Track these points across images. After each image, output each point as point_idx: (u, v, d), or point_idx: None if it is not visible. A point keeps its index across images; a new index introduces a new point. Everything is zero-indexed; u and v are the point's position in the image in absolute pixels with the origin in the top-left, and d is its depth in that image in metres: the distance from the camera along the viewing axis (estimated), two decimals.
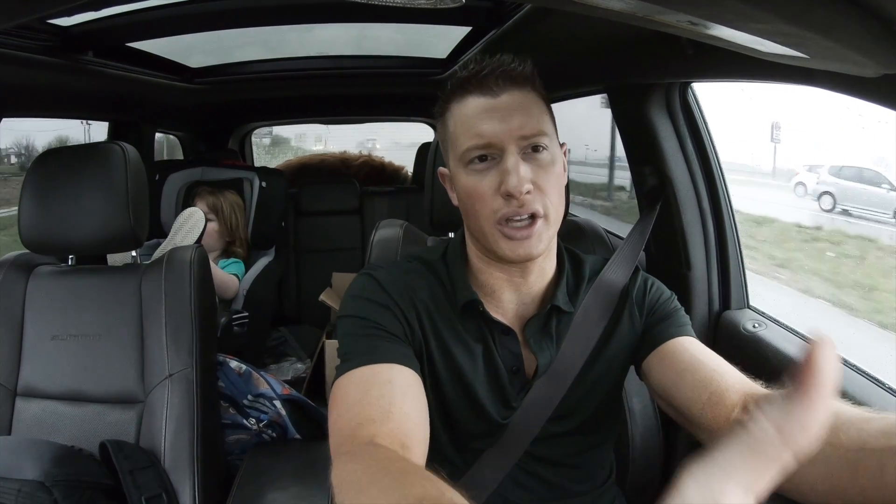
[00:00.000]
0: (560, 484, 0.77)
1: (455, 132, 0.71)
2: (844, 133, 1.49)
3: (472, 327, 0.75)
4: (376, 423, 0.60)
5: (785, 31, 0.45)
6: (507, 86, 0.69)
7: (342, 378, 0.67)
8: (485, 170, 0.69)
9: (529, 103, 0.70)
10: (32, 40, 1.18)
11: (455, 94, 0.72)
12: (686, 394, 0.68)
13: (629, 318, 0.79)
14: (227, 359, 1.33)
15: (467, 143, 0.69)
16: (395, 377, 0.66)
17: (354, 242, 2.67)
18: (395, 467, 0.50)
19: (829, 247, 1.98)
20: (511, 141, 0.67)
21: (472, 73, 0.70)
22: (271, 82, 2.07)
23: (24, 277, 1.17)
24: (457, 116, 0.71)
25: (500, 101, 0.68)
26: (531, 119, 0.68)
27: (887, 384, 0.87)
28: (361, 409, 0.61)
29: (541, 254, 0.71)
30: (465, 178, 0.70)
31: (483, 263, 0.75)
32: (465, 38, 1.65)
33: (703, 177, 1.19)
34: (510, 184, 0.66)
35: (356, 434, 0.59)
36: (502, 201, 0.68)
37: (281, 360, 2.24)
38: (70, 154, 1.19)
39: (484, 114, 0.68)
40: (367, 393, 0.63)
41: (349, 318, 0.72)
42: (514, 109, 0.68)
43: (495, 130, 0.67)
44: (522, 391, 0.75)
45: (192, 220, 1.80)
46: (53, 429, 1.09)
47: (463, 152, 0.70)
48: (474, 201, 0.69)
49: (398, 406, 0.62)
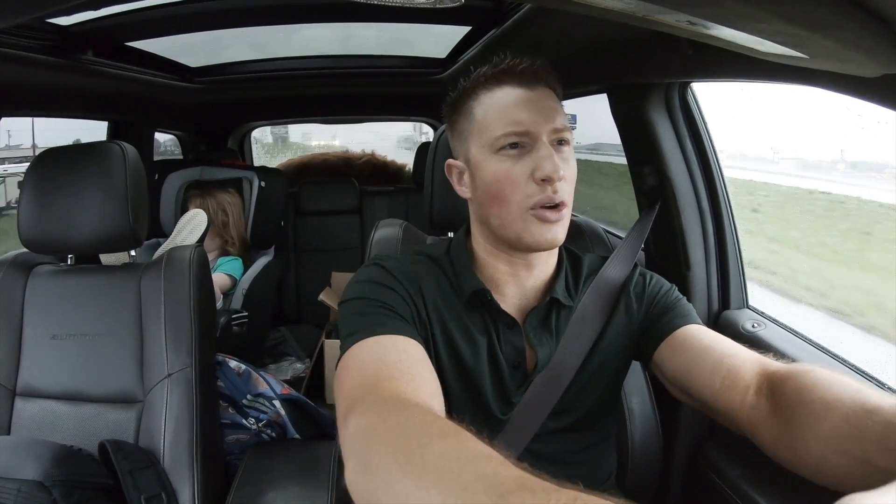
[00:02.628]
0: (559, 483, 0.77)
1: (486, 120, 0.73)
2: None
3: (477, 320, 0.75)
4: (398, 381, 0.57)
5: (785, 30, 0.45)
6: (540, 81, 0.73)
7: (352, 349, 0.64)
8: (518, 156, 0.71)
9: (557, 102, 0.74)
10: (32, 40, 1.18)
11: (485, 84, 0.74)
12: (700, 381, 0.69)
13: (626, 310, 0.79)
14: (226, 358, 1.33)
15: (503, 129, 0.71)
16: (409, 347, 0.64)
17: (354, 242, 2.67)
18: (443, 423, 0.45)
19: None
20: (545, 131, 0.70)
21: (509, 66, 0.73)
22: (271, 82, 2.07)
23: (23, 277, 1.17)
24: (488, 104, 0.73)
25: (536, 94, 0.72)
26: (560, 115, 0.72)
27: (887, 384, 0.88)
28: (379, 369, 0.59)
29: (561, 242, 0.73)
30: (497, 164, 0.71)
31: (489, 256, 0.76)
32: (465, 38, 1.65)
33: (702, 176, 1.19)
34: (547, 169, 0.68)
35: (378, 388, 0.55)
36: (536, 187, 0.69)
37: (280, 359, 2.24)
38: (69, 153, 1.18)
39: (521, 103, 0.71)
40: (384, 357, 0.61)
41: (355, 300, 0.70)
42: (550, 104, 0.72)
43: (534, 119, 0.70)
44: (522, 387, 0.75)
45: (194, 222, 1.80)
46: (53, 428, 1.09)
47: (497, 138, 0.71)
48: (505, 186, 0.71)
49: (418, 371, 0.61)
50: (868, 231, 1.38)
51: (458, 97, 0.77)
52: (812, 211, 1.31)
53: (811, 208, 1.46)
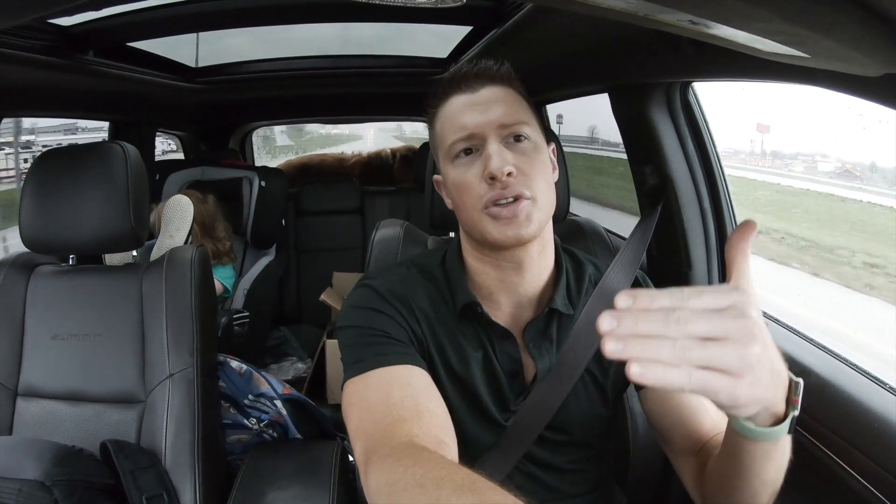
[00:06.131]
0: (558, 487, 0.77)
1: (442, 131, 0.74)
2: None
3: (471, 333, 0.75)
4: (409, 422, 0.59)
5: (785, 30, 0.45)
6: (486, 83, 0.73)
7: (356, 380, 0.66)
8: (470, 162, 0.71)
9: (508, 97, 0.73)
10: (33, 40, 1.18)
11: (440, 98, 0.76)
12: (668, 422, 0.75)
13: None
14: (227, 358, 1.33)
15: (452, 137, 0.72)
16: (413, 378, 0.66)
17: (355, 242, 2.67)
18: (460, 475, 0.48)
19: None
20: (491, 130, 0.70)
21: (452, 75, 0.75)
22: (272, 82, 2.07)
23: (24, 277, 1.17)
24: (442, 117, 0.75)
25: (480, 96, 0.72)
26: (510, 109, 0.72)
27: (888, 384, 0.87)
28: (388, 411, 0.61)
29: (532, 236, 0.71)
30: (453, 173, 0.73)
31: (479, 263, 0.75)
32: (466, 38, 1.65)
33: (703, 176, 1.19)
34: (492, 165, 0.68)
35: (392, 433, 0.57)
36: (486, 186, 0.69)
37: (281, 359, 2.24)
38: (71, 154, 1.18)
39: (465, 108, 0.72)
40: (390, 394, 0.63)
41: (351, 328, 0.72)
42: (493, 102, 0.72)
43: (476, 121, 0.71)
44: (521, 395, 0.75)
45: (180, 209, 1.79)
46: (54, 429, 1.09)
47: (449, 147, 0.72)
48: (461, 192, 0.72)
49: (425, 405, 0.62)
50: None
51: (428, 114, 0.78)
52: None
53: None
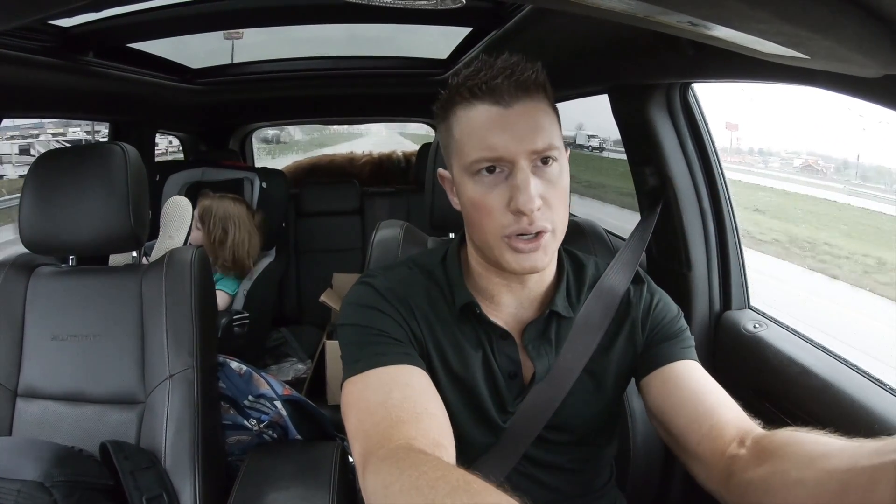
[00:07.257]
0: (558, 488, 0.77)
1: (462, 140, 0.68)
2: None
3: (470, 333, 0.74)
4: (407, 424, 0.59)
5: (785, 31, 0.45)
6: (520, 95, 0.66)
7: (355, 380, 0.66)
8: (493, 183, 0.66)
9: (541, 114, 0.67)
10: (33, 41, 1.18)
11: (462, 98, 0.68)
12: (684, 422, 0.69)
13: (630, 333, 0.77)
14: (227, 359, 1.33)
15: (476, 155, 0.66)
16: (412, 378, 0.66)
17: (355, 243, 2.67)
18: (454, 476, 0.48)
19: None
20: (523, 156, 0.65)
21: (483, 78, 0.66)
22: (272, 83, 2.07)
23: (24, 278, 1.17)
24: (464, 124, 0.68)
25: (513, 113, 0.65)
26: (543, 132, 0.66)
27: (888, 384, 0.87)
28: (387, 412, 0.60)
29: (546, 266, 0.70)
30: (472, 189, 0.68)
31: (482, 268, 0.75)
32: (466, 39, 1.65)
33: (703, 177, 1.19)
34: (521, 202, 0.64)
35: (389, 436, 0.57)
36: (511, 217, 0.66)
37: (281, 360, 2.24)
38: (71, 154, 1.19)
39: (495, 125, 0.65)
40: (389, 395, 0.62)
41: (351, 326, 0.71)
42: (527, 122, 0.65)
43: (507, 145, 0.65)
44: (519, 396, 0.75)
45: (179, 210, 1.78)
46: (54, 429, 1.09)
47: (471, 163, 0.67)
48: (481, 215, 0.67)
49: (423, 406, 0.62)
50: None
51: (441, 107, 0.72)
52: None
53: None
